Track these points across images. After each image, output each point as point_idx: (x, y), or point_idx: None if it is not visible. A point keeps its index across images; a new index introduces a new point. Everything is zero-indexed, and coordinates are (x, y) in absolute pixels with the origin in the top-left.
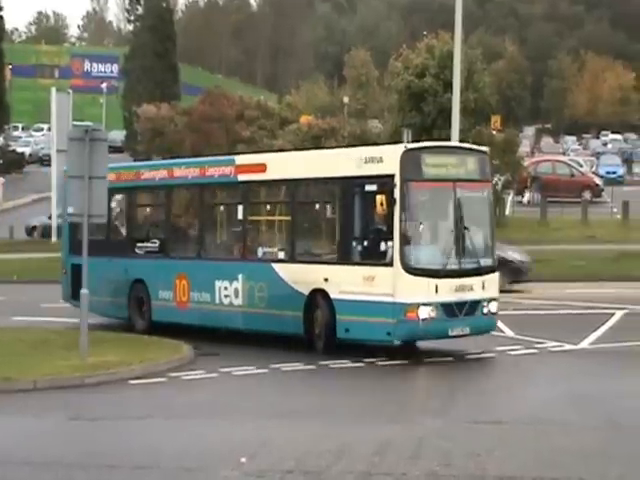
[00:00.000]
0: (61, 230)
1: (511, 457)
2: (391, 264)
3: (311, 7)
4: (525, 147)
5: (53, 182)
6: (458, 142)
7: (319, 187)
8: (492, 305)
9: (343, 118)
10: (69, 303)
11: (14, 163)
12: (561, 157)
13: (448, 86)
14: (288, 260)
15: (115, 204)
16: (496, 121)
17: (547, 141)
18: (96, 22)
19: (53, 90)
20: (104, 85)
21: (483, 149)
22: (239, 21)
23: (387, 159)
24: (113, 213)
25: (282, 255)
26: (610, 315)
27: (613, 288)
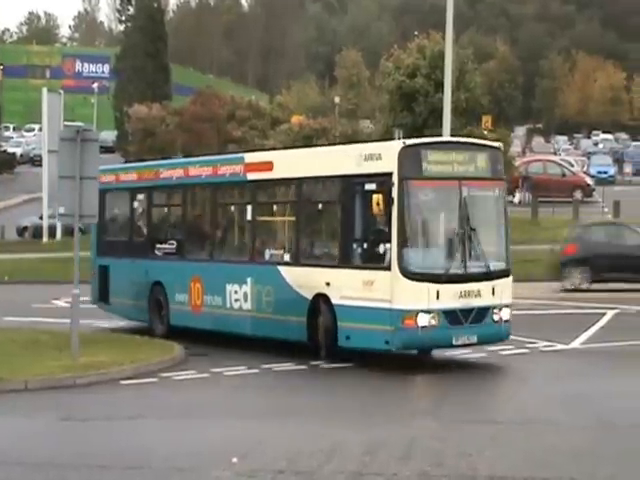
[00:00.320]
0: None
1: (502, 457)
2: (389, 268)
3: (302, 7)
4: (516, 147)
5: (44, 182)
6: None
7: (320, 186)
8: (504, 312)
9: (334, 118)
10: (97, 306)
11: (5, 163)
12: (552, 157)
13: (439, 86)
14: (293, 263)
15: (137, 204)
16: (487, 121)
17: (538, 141)
18: (87, 22)
19: (44, 90)
20: (95, 85)
21: (495, 144)
22: (230, 21)
23: (385, 156)
24: (135, 213)
25: (287, 257)
26: (601, 315)
27: (604, 288)
